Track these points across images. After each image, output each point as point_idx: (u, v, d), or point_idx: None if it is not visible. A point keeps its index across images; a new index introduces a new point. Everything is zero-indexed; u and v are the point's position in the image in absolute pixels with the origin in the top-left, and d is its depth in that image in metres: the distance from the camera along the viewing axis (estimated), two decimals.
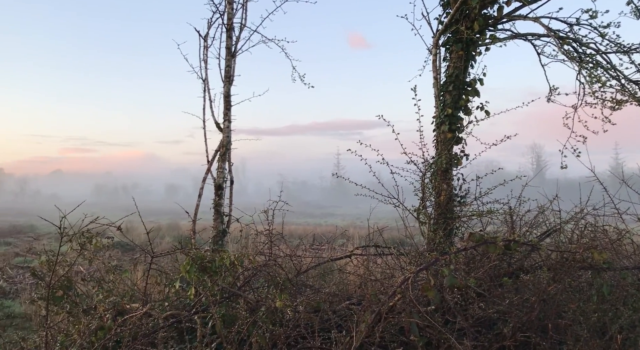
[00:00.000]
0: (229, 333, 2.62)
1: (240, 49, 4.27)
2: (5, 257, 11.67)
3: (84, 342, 2.84)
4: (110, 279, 3.80)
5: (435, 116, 4.67)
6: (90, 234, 3.47)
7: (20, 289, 7.99)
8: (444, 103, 4.53)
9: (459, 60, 4.37)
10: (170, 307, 3.32)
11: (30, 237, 18.13)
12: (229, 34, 4.24)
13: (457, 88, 4.44)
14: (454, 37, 4.41)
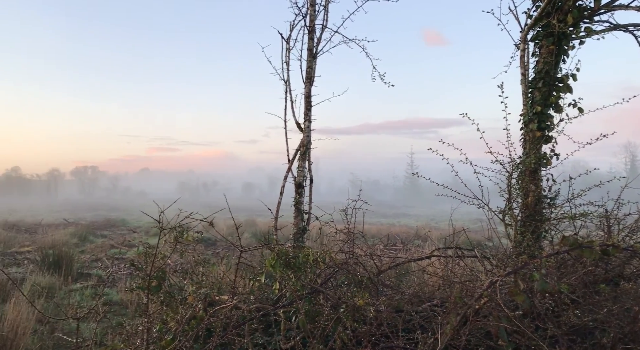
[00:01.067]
0: (315, 328, 2.69)
1: (321, 50, 4.36)
2: (102, 248, 12.70)
3: (179, 330, 3.03)
4: (200, 272, 4.04)
5: (523, 114, 4.47)
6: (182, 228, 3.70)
7: (116, 278, 8.67)
8: (532, 100, 4.32)
9: (549, 55, 4.15)
10: (255, 300, 3.46)
11: (123, 230, 19.59)
12: (311, 36, 4.35)
13: (547, 84, 4.22)
14: (545, 31, 4.20)
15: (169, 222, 3.33)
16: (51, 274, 7.89)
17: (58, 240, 12.23)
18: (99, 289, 7.58)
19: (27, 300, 5.47)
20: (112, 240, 14.99)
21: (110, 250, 12.21)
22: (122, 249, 12.43)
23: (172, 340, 2.87)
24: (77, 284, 7.82)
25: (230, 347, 2.80)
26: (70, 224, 21.03)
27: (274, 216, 4.53)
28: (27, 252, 11.50)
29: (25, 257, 10.76)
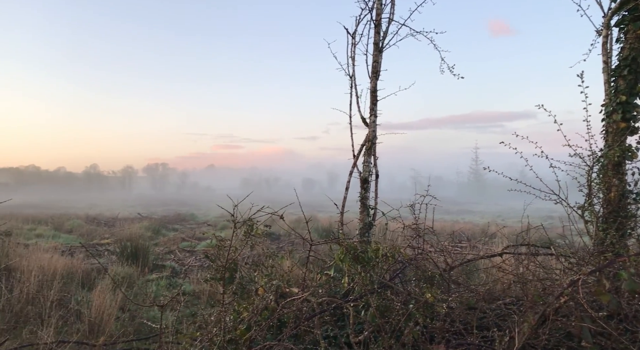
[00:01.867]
0: (386, 323, 2.69)
1: (388, 44, 4.32)
2: (174, 241, 13.34)
3: (252, 320, 3.13)
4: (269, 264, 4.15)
5: (605, 104, 4.20)
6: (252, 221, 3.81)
7: (187, 269, 9.09)
8: (616, 89, 4.04)
9: (636, 41, 3.86)
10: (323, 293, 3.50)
11: (193, 224, 20.47)
12: (377, 30, 4.32)
13: (633, 72, 3.93)
14: (631, 15, 3.91)
15: (241, 216, 3.44)
16: (129, 264, 8.40)
17: (134, 233, 13.01)
18: (174, 279, 7.98)
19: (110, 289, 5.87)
20: (182, 233, 15.71)
21: (182, 243, 12.80)
22: (192, 242, 12.99)
23: (246, 330, 2.97)
24: (153, 274, 8.27)
25: (302, 339, 2.86)
26: (144, 218, 22.26)
27: (340, 211, 4.56)
28: (107, 244, 12.31)
29: (105, 248, 11.53)
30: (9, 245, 8.54)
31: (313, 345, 2.82)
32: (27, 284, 5.90)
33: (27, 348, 4.20)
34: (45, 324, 4.82)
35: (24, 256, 7.25)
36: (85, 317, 5.14)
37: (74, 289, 6.60)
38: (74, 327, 5.04)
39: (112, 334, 4.89)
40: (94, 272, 7.77)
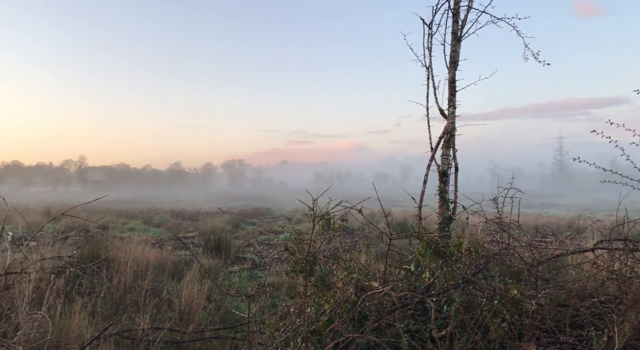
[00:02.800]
0: (470, 319, 2.63)
1: (467, 33, 4.18)
2: (253, 235, 13.84)
3: (333, 312, 3.19)
4: (347, 258, 4.20)
5: None
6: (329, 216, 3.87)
7: (266, 262, 9.40)
8: None
9: None
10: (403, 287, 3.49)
11: (269, 218, 21.10)
12: (455, 19, 4.19)
13: None
14: None
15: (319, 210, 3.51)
16: (213, 256, 8.84)
17: (216, 227, 13.65)
18: (254, 271, 8.29)
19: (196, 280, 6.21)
20: (260, 227, 16.24)
21: (260, 237, 13.25)
22: (270, 235, 13.40)
23: (328, 322, 3.03)
24: (235, 266, 8.64)
25: (384, 332, 2.87)
26: (224, 213, 23.27)
27: (418, 205, 4.51)
28: (192, 237, 13.03)
29: (190, 241, 12.21)
30: (107, 238, 9.31)
31: (395, 338, 2.82)
32: (124, 274, 6.41)
33: (127, 333, 4.56)
34: (141, 311, 5.21)
35: (119, 248, 7.86)
36: (175, 306, 5.48)
37: (164, 279, 7.07)
38: (166, 315, 5.39)
39: (200, 323, 5.17)
40: (182, 263, 8.25)
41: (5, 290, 5.25)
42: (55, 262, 6.90)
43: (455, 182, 4.50)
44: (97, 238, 9.21)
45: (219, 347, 4.62)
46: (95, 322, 4.63)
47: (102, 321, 4.89)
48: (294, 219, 18.93)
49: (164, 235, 13.78)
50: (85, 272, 6.65)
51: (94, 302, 5.53)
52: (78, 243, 9.34)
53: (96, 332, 4.36)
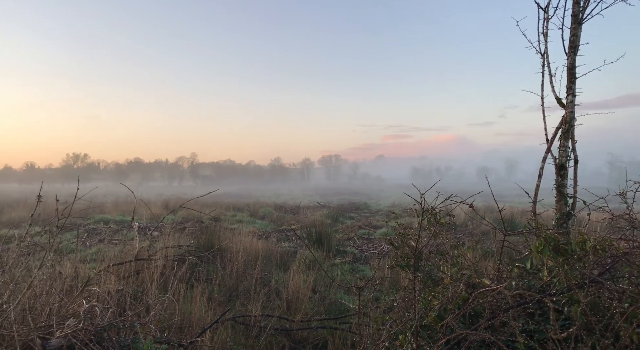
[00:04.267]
0: (598, 322, 2.45)
1: (590, 14, 3.83)
2: (352, 228, 13.98)
3: (442, 308, 3.14)
4: (455, 254, 4.10)
5: None
6: (435, 211, 3.79)
7: (367, 256, 9.46)
8: None
9: None
10: (517, 286, 3.33)
11: (367, 213, 21.15)
12: (576, 0, 3.87)
13: None
14: None
15: (427, 205, 3.46)
16: (315, 249, 9.09)
17: (316, 221, 13.99)
18: (355, 265, 8.40)
19: (301, 271, 6.44)
20: (358, 221, 16.36)
21: (359, 231, 13.35)
22: (369, 230, 13.45)
23: (438, 318, 3.00)
24: (336, 259, 8.81)
25: (497, 330, 2.77)
26: (323, 207, 23.76)
27: (532, 200, 4.25)
28: (294, 230, 13.49)
29: (292, 233, 12.65)
30: (219, 229, 9.97)
31: (510, 337, 2.71)
32: (236, 263, 6.84)
33: (241, 318, 4.88)
34: (253, 299, 5.54)
35: (230, 239, 8.39)
36: (283, 295, 5.74)
37: (272, 269, 7.43)
38: (274, 303, 5.67)
39: (306, 312, 5.36)
40: (286, 254, 8.60)
41: (135, 274, 5.85)
42: (176, 250, 7.55)
43: (575, 175, 4.18)
44: (210, 229, 9.90)
45: (325, 336, 4.76)
46: (212, 307, 5.01)
47: (217, 306, 5.26)
48: (391, 215, 18.75)
49: (268, 227, 14.43)
50: (201, 260, 7.20)
51: (210, 288, 5.97)
52: (194, 233, 10.13)
53: (214, 317, 4.72)
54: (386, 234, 12.06)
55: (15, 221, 14.32)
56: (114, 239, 11.15)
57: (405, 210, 17.20)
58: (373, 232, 12.94)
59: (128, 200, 22.15)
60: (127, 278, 5.56)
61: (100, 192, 17.61)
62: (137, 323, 3.27)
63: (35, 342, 2.72)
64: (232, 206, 21.34)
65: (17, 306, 2.94)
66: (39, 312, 3.13)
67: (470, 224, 13.91)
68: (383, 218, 17.70)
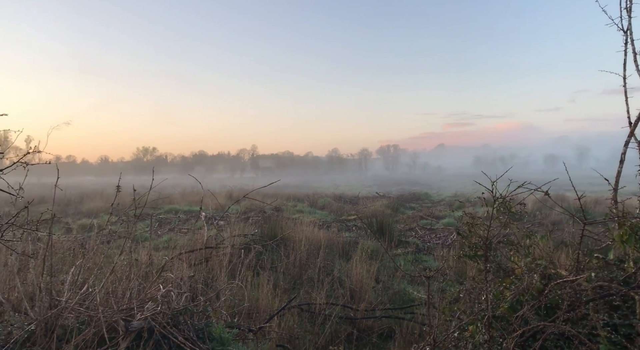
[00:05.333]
0: None
1: None
2: (413, 219, 13.79)
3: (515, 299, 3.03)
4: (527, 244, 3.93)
5: None
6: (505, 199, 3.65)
7: (429, 246, 9.30)
8: None
9: None
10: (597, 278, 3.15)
11: (427, 203, 20.78)
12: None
13: None
14: None
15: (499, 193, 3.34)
16: (376, 239, 9.05)
17: (376, 211, 13.91)
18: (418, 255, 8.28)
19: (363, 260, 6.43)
20: (420, 211, 16.10)
21: (421, 221, 13.14)
22: (431, 220, 13.20)
23: (510, 309, 2.90)
24: (399, 249, 8.73)
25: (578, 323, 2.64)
26: (382, 197, 23.58)
27: (613, 187, 3.98)
28: (354, 220, 13.50)
29: (353, 224, 12.67)
30: (281, 219, 10.16)
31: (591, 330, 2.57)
32: (299, 252, 6.94)
33: (306, 306, 4.95)
34: (316, 287, 5.60)
35: (292, 228, 8.53)
36: (346, 284, 5.76)
37: (334, 258, 7.48)
38: (337, 292, 5.70)
39: (370, 302, 5.36)
40: (348, 244, 8.62)
41: (205, 262, 6.09)
42: (241, 239, 7.78)
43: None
44: (272, 219, 10.11)
45: (390, 326, 4.74)
46: (277, 294, 5.12)
47: (282, 294, 5.37)
48: (454, 204, 18.32)
49: (328, 217, 14.53)
50: (265, 248, 7.37)
51: (275, 276, 6.11)
52: (257, 223, 10.39)
53: (280, 303, 4.83)
54: (449, 224, 11.79)
55: (93, 211, 15.35)
56: (183, 228, 11.67)
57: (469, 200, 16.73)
58: (435, 222, 12.69)
59: (194, 191, 23.04)
60: (197, 265, 5.80)
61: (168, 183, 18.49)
62: (209, 308, 3.39)
63: (119, 323, 2.89)
64: (291, 197, 21.68)
65: (102, 290, 3.15)
66: (120, 295, 3.33)
67: (539, 213, 13.31)
68: (445, 208, 17.32)
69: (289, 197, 21.11)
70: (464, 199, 18.60)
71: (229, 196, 19.34)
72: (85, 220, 12.17)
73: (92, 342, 2.71)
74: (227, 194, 20.45)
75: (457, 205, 17.56)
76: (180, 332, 3.02)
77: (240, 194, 19.01)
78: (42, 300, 2.93)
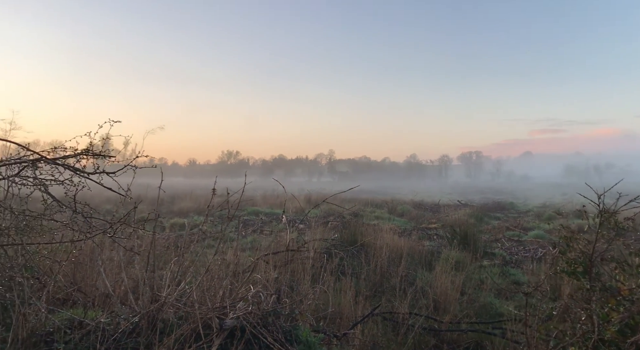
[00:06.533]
0: None
1: None
2: (498, 229, 13.16)
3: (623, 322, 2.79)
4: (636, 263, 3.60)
5: None
6: (609, 213, 3.37)
7: (517, 259, 8.82)
8: None
9: None
10: None
11: (514, 214, 19.75)
12: None
13: None
14: None
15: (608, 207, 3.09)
16: (460, 250, 8.74)
17: (458, 220, 13.46)
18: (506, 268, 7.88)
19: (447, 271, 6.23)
20: (505, 222, 15.34)
21: (507, 232, 12.52)
22: (518, 231, 12.54)
23: (620, 333, 2.67)
24: (484, 261, 8.36)
25: None
26: (464, 206, 22.78)
27: None
28: (435, 229, 13.16)
29: (434, 232, 12.35)
30: (360, 225, 10.14)
31: None
32: (380, 259, 6.88)
33: (389, 315, 4.89)
34: (398, 296, 5.51)
35: (372, 235, 8.48)
36: (429, 294, 5.61)
37: (415, 267, 7.33)
38: (420, 302, 5.57)
39: (455, 314, 5.18)
40: (430, 253, 8.41)
41: (287, 264, 6.23)
42: (322, 243, 7.86)
43: None
44: (352, 224, 10.12)
45: (477, 340, 4.55)
46: (358, 301, 5.10)
47: (363, 301, 5.35)
48: (544, 215, 17.25)
49: (407, 225, 14.28)
50: (345, 254, 7.39)
51: (356, 282, 6.09)
52: (336, 228, 10.46)
53: (362, 310, 4.80)
54: (539, 237, 11.11)
55: (184, 210, 16.31)
56: (265, 229, 12.04)
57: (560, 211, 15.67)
58: (523, 234, 12.02)
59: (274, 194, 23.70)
60: (280, 267, 5.95)
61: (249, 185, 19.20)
62: (296, 310, 3.46)
63: (213, 321, 3.03)
64: (369, 202, 21.58)
65: (197, 288, 3.32)
66: (213, 293, 3.49)
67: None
68: (533, 219, 16.35)
69: (367, 203, 21.04)
70: (555, 209, 17.46)
71: (307, 200, 19.67)
72: (177, 219, 12.95)
73: (190, 338, 2.86)
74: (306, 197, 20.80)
75: (547, 216, 16.52)
76: (270, 333, 3.11)
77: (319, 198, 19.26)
78: (145, 294, 3.15)
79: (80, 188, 2.92)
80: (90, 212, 2.96)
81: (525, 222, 15.14)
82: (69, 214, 2.93)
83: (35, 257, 2.96)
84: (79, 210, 2.86)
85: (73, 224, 2.91)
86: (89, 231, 2.94)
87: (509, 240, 11.06)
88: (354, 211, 15.85)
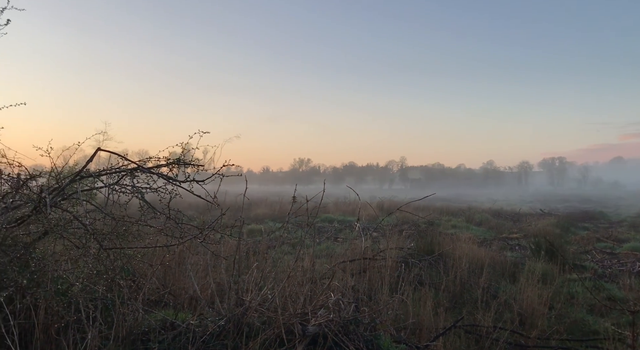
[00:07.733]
0: None
1: None
2: (588, 240, 12.25)
3: None
4: None
5: None
6: None
7: (612, 273, 8.15)
8: None
9: None
10: None
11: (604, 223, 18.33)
12: None
13: None
14: None
15: None
16: (546, 261, 8.22)
17: (542, 230, 12.71)
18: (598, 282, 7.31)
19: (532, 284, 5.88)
20: (596, 233, 14.25)
21: (597, 243, 11.63)
22: (611, 243, 11.60)
23: None
24: (573, 274, 7.81)
25: None
26: (547, 215, 21.47)
27: None
28: (516, 238, 12.50)
29: (516, 243, 11.74)
30: (436, 234, 9.88)
31: None
32: (459, 269, 6.64)
33: (471, 328, 4.70)
34: (480, 308, 5.28)
35: (449, 244, 8.21)
36: (514, 308, 5.33)
37: (497, 279, 7.00)
38: (505, 316, 5.30)
39: (543, 330, 4.88)
40: (512, 265, 8.00)
41: (363, 272, 6.19)
42: (397, 252, 7.74)
43: None
44: (427, 233, 9.88)
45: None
46: (438, 312, 4.95)
47: (443, 312, 5.18)
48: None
49: (486, 234, 13.71)
50: (423, 263, 7.22)
51: (435, 293, 5.92)
52: (411, 236, 10.26)
53: (443, 322, 4.65)
54: (636, 249, 10.20)
55: (260, 217, 16.78)
56: (338, 237, 12.07)
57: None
58: (617, 246, 11.10)
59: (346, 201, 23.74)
60: (356, 275, 5.92)
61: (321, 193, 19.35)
62: (377, 320, 3.42)
63: (296, 327, 3.07)
64: (444, 210, 20.98)
65: (280, 293, 3.38)
66: (294, 300, 3.54)
67: None
68: (628, 230, 15.05)
69: (442, 211, 20.46)
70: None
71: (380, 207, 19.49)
72: (254, 226, 13.34)
73: (274, 343, 2.92)
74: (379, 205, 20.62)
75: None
76: (351, 341, 3.10)
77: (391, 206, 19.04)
78: (231, 298, 3.26)
79: (174, 195, 3.09)
80: (182, 218, 3.12)
81: (619, 233, 13.98)
82: (162, 219, 3.11)
83: (132, 260, 3.16)
84: (172, 216, 3.03)
85: (167, 230, 3.08)
86: (181, 236, 3.10)
87: (601, 253, 10.26)
88: (429, 219, 15.48)
